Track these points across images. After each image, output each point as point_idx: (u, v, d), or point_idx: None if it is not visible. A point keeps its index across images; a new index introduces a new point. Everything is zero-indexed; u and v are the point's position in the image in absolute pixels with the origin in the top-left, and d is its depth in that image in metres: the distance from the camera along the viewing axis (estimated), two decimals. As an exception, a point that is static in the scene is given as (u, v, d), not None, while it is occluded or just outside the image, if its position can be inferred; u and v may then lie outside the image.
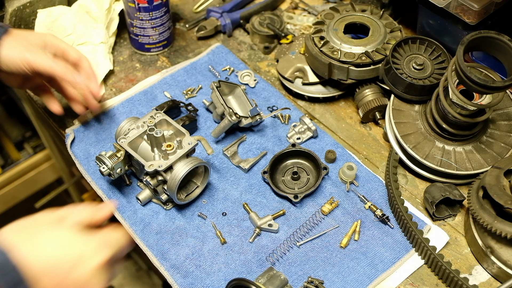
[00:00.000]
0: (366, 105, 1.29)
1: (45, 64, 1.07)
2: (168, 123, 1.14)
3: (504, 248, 1.05)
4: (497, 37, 1.05)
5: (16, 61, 1.07)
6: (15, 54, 1.06)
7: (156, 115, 1.13)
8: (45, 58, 1.08)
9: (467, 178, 1.19)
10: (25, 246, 0.76)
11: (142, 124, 1.12)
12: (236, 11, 1.53)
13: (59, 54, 1.15)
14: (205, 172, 1.17)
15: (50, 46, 1.13)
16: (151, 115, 1.13)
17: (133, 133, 1.12)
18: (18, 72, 1.10)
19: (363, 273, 1.08)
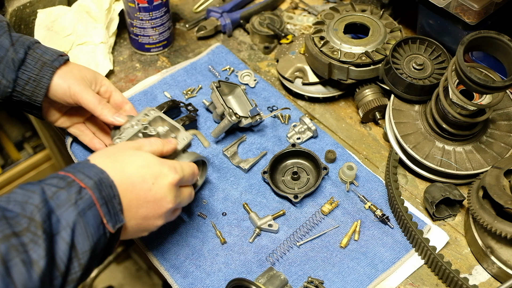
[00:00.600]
0: (366, 105, 1.29)
1: (89, 100, 1.10)
2: (163, 120, 1.13)
3: (504, 248, 1.05)
4: (497, 37, 1.05)
5: (64, 90, 1.09)
6: (65, 84, 1.09)
7: (150, 112, 1.13)
8: (92, 95, 1.10)
9: (467, 178, 1.19)
10: (114, 167, 0.89)
11: (137, 123, 1.12)
12: (236, 11, 1.53)
13: (105, 94, 1.17)
14: (203, 167, 1.16)
15: (100, 83, 1.15)
16: (145, 113, 1.13)
17: (127, 132, 1.11)
18: (63, 102, 1.12)
19: (363, 273, 1.08)
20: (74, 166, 0.87)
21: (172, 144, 1.04)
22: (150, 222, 0.95)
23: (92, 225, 0.82)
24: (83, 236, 0.80)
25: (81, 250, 0.80)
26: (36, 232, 0.75)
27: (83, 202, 0.81)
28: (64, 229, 0.78)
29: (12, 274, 0.71)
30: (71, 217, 0.79)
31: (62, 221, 0.78)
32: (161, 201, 0.94)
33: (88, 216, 0.81)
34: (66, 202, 0.80)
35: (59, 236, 0.78)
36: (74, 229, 0.79)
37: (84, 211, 0.81)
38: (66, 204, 0.80)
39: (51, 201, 0.79)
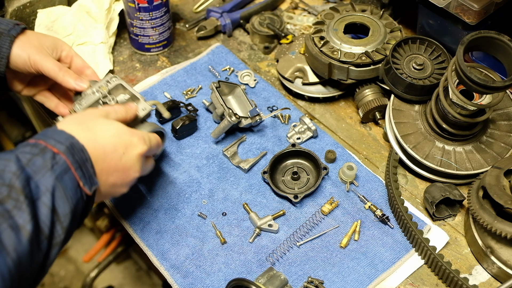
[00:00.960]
0: (366, 105, 1.29)
1: (50, 68, 1.10)
2: (124, 88, 1.14)
3: (504, 248, 1.05)
4: (497, 37, 1.05)
5: (25, 60, 1.10)
6: (25, 54, 1.10)
7: (112, 80, 1.13)
8: (52, 62, 1.11)
9: (467, 178, 1.19)
10: (85, 134, 0.90)
11: (98, 89, 1.12)
12: (236, 11, 1.53)
13: (66, 59, 1.17)
14: (162, 139, 1.15)
15: (60, 49, 1.16)
16: (107, 80, 1.13)
17: (88, 99, 1.11)
18: (24, 72, 1.12)
19: (363, 273, 1.08)
20: (43, 133, 0.87)
21: (133, 110, 1.06)
22: (117, 190, 0.98)
23: (70, 188, 0.83)
24: (63, 199, 0.81)
25: (62, 214, 0.81)
26: (18, 198, 0.76)
27: (59, 166, 0.82)
28: (44, 194, 0.79)
29: (2, 239, 0.72)
30: (49, 182, 0.80)
31: (41, 187, 0.79)
32: (129, 170, 0.97)
33: (65, 180, 0.82)
34: (43, 167, 0.80)
35: (40, 201, 0.78)
36: (54, 193, 0.80)
37: (61, 175, 0.82)
38: (42, 169, 0.80)
39: (27, 168, 0.79)
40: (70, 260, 2.48)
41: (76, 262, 2.47)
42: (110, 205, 1.20)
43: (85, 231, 2.51)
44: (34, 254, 0.77)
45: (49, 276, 2.44)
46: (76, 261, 2.47)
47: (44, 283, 2.42)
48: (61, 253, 2.59)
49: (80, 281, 2.25)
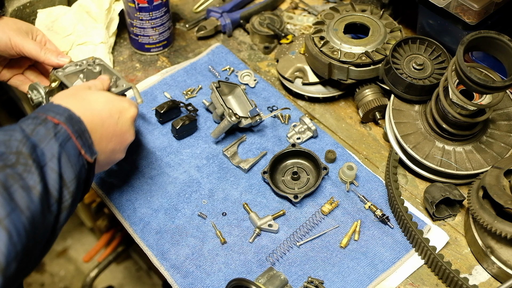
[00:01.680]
0: (366, 105, 1.29)
1: (32, 48, 1.14)
2: (105, 68, 1.18)
3: (504, 248, 1.05)
4: (497, 37, 1.05)
5: (6, 43, 1.13)
6: (5, 36, 1.13)
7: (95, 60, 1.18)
8: (33, 43, 1.15)
9: (467, 178, 1.19)
10: (80, 105, 0.93)
11: (81, 63, 1.17)
12: (236, 11, 1.53)
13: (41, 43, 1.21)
14: None
15: (35, 33, 1.20)
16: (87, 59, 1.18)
17: (70, 68, 1.16)
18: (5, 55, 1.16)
19: (363, 273, 1.08)
20: (41, 108, 0.90)
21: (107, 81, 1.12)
22: (116, 156, 1.03)
23: (73, 155, 0.86)
24: (67, 165, 0.85)
25: (68, 179, 0.85)
26: (27, 162, 0.79)
27: (61, 135, 0.85)
28: (51, 160, 0.82)
29: (15, 198, 0.74)
30: (54, 149, 0.83)
31: (47, 154, 0.82)
32: (125, 134, 1.03)
33: (68, 148, 0.86)
34: (46, 136, 0.84)
35: (47, 167, 0.81)
36: (60, 160, 0.83)
37: (64, 143, 0.85)
38: (46, 138, 0.83)
39: (32, 137, 0.83)
40: (70, 260, 2.49)
41: (76, 262, 2.47)
42: (110, 205, 1.20)
43: (85, 231, 2.51)
44: (46, 215, 0.80)
45: (49, 276, 2.45)
46: (76, 261, 2.47)
47: (44, 283, 2.43)
48: (61, 253, 2.59)
49: (80, 281, 2.25)
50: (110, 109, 0.99)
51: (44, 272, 2.46)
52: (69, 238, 2.54)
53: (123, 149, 1.04)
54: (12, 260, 0.71)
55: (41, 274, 2.46)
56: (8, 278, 0.71)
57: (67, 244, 2.52)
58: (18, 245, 0.72)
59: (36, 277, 2.45)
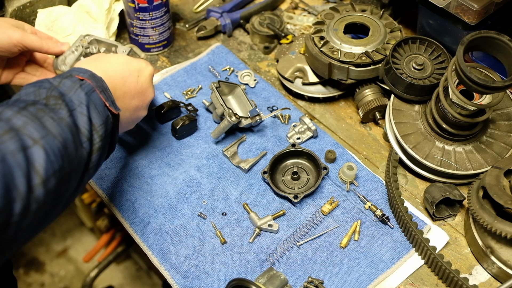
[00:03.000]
0: (366, 105, 1.29)
1: (33, 40, 1.15)
2: (99, 41, 1.22)
3: (504, 248, 1.05)
4: (497, 37, 1.05)
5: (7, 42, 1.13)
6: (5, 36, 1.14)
7: (85, 38, 1.21)
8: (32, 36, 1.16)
9: (467, 178, 1.19)
10: (102, 68, 0.99)
11: (76, 48, 1.20)
12: (236, 11, 1.53)
13: None
14: None
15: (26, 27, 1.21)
16: (80, 39, 1.21)
17: (70, 58, 1.20)
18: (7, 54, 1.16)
19: (363, 273, 1.08)
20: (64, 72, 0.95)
21: None
22: (139, 113, 1.09)
23: (99, 104, 0.92)
24: (95, 112, 0.90)
25: (97, 124, 0.90)
26: (57, 102, 0.85)
27: (86, 86, 0.91)
28: (79, 105, 0.88)
29: (47, 126, 0.80)
30: (82, 97, 0.89)
31: (74, 101, 0.88)
32: (146, 91, 1.08)
33: (94, 97, 0.91)
34: (73, 87, 0.89)
35: (76, 111, 0.87)
36: (88, 106, 0.89)
37: (90, 93, 0.91)
38: (73, 88, 0.89)
39: (59, 87, 0.88)
40: (70, 260, 2.49)
41: (76, 262, 2.47)
42: (110, 205, 1.20)
43: (85, 231, 2.51)
44: (78, 147, 0.85)
45: (49, 276, 2.45)
46: (76, 261, 2.47)
47: (44, 283, 2.43)
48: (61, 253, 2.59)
49: (80, 281, 2.25)
50: (130, 68, 1.05)
51: (44, 272, 2.46)
52: (69, 238, 2.54)
53: (145, 106, 1.10)
54: (51, 175, 0.77)
55: (41, 274, 2.46)
56: (48, 192, 0.77)
57: (67, 244, 2.52)
58: (55, 164, 0.78)
59: (36, 277, 2.45)
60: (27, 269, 2.47)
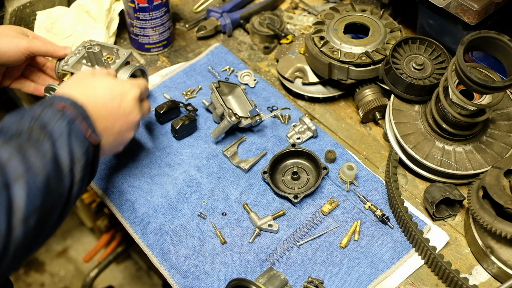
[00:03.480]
0: (366, 105, 1.29)
1: (40, 45, 1.17)
2: (103, 46, 1.26)
3: (504, 248, 1.05)
4: (497, 37, 1.05)
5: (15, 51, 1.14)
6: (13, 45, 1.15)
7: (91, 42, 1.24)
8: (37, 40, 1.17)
9: (467, 178, 1.19)
10: (83, 92, 0.99)
11: (79, 51, 1.24)
12: (236, 11, 1.53)
13: None
14: (144, 78, 1.28)
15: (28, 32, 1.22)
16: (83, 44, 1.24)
17: (72, 59, 1.23)
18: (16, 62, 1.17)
19: (363, 273, 1.08)
20: (45, 99, 0.95)
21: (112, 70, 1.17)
22: (124, 136, 1.07)
23: (80, 134, 0.91)
24: (76, 142, 0.89)
25: (78, 154, 0.89)
26: (39, 135, 0.84)
27: (68, 116, 0.90)
28: (61, 136, 0.87)
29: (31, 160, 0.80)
30: (63, 127, 0.88)
31: (56, 131, 0.87)
32: (130, 114, 1.06)
33: (75, 127, 0.90)
34: (54, 116, 0.88)
35: (58, 142, 0.86)
36: (69, 136, 0.88)
37: (71, 122, 0.90)
38: (54, 118, 0.88)
39: (41, 117, 0.87)
40: (70, 260, 2.49)
41: (76, 262, 2.47)
42: (110, 205, 1.20)
43: (85, 231, 2.51)
44: (59, 182, 0.85)
45: (49, 276, 2.45)
46: (76, 261, 2.47)
47: (44, 283, 2.43)
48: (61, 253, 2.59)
49: (80, 281, 2.25)
50: (112, 92, 1.03)
51: (44, 272, 2.46)
52: (69, 238, 2.54)
53: (130, 128, 1.08)
54: (32, 212, 0.76)
55: (41, 274, 2.46)
56: (27, 231, 0.76)
57: (67, 244, 2.52)
58: (37, 200, 0.78)
59: (36, 277, 2.45)
60: (27, 269, 2.47)
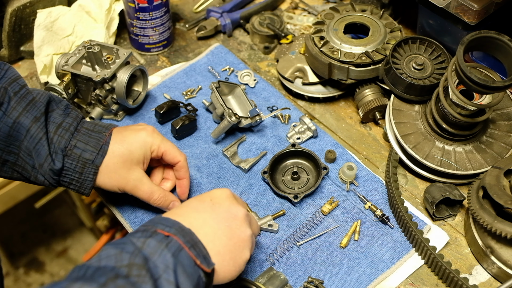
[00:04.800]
0: (366, 105, 1.29)
1: (143, 196, 1.10)
2: (103, 46, 1.26)
3: (504, 248, 1.05)
4: (497, 37, 1.05)
5: (112, 188, 1.09)
6: (110, 184, 1.08)
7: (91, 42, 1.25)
8: (143, 190, 1.09)
9: (467, 178, 1.19)
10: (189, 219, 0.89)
11: (79, 51, 1.25)
12: (236, 11, 1.53)
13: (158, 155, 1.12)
14: (144, 78, 1.31)
15: (148, 154, 1.10)
16: (84, 44, 1.25)
17: (72, 59, 1.24)
18: None
19: (363, 273, 1.08)
20: (149, 221, 0.88)
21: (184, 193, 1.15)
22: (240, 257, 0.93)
23: (188, 265, 0.81)
24: (183, 276, 0.80)
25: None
26: (140, 273, 0.75)
27: (173, 245, 0.81)
28: (165, 272, 0.78)
29: None
30: (168, 260, 0.79)
31: (160, 266, 0.78)
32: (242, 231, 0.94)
33: (182, 257, 0.81)
34: (158, 247, 0.80)
35: (162, 278, 0.77)
36: (175, 270, 0.79)
37: (177, 252, 0.81)
38: (158, 249, 0.80)
39: (143, 250, 0.79)
40: (70, 260, 2.49)
41: (76, 262, 2.47)
42: (110, 205, 1.20)
43: (85, 231, 2.51)
44: None
45: (49, 276, 2.45)
46: (76, 261, 2.47)
47: (44, 283, 2.43)
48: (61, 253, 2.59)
49: (80, 281, 2.25)
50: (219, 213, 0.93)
51: (44, 272, 2.46)
52: (69, 238, 2.54)
53: (244, 247, 0.93)
54: None
55: (41, 274, 2.46)
56: None
57: (67, 244, 2.53)
58: None
59: (36, 277, 2.45)
60: (27, 269, 2.47)
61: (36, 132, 1.02)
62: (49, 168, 1.03)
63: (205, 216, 0.91)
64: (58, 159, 1.03)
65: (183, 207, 0.94)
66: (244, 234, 0.93)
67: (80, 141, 1.05)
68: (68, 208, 2.56)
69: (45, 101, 1.05)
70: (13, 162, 1.07)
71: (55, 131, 1.04)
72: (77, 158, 1.05)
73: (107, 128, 1.09)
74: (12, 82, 1.05)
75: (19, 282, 2.44)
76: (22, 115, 1.03)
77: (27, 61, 1.47)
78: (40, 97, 1.06)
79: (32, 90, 1.07)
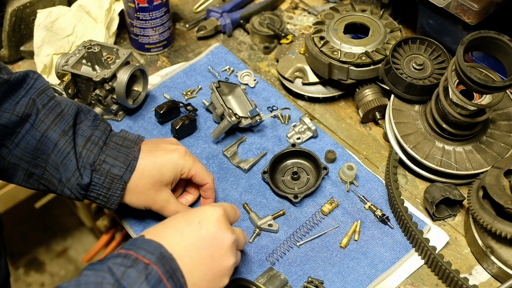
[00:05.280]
0: (366, 105, 1.29)
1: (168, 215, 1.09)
2: (103, 46, 1.26)
3: (504, 248, 1.05)
4: (497, 37, 1.05)
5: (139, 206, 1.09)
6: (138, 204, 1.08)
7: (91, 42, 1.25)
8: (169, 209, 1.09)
9: (467, 178, 1.19)
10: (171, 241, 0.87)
11: (79, 51, 1.25)
12: (236, 11, 1.53)
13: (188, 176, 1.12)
14: (144, 78, 1.32)
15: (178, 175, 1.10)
16: (83, 44, 1.25)
17: (72, 59, 1.25)
18: None
19: (363, 273, 1.08)
20: (132, 242, 0.86)
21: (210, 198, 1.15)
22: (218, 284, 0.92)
23: None
24: None
25: None
26: None
27: (152, 277, 0.81)
28: None
29: None
30: None
31: None
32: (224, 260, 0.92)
33: None
34: (137, 279, 0.79)
35: None
36: None
37: (156, 286, 0.80)
38: (137, 281, 0.79)
39: (122, 281, 0.79)
40: (70, 260, 2.49)
41: (76, 262, 2.47)
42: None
43: (85, 231, 2.51)
44: None
45: (49, 276, 2.45)
46: (76, 261, 2.47)
47: (44, 283, 2.43)
48: (61, 253, 2.59)
49: (80, 281, 2.24)
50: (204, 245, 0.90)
51: (44, 272, 2.46)
52: (69, 238, 2.54)
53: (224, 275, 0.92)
54: None
55: (41, 274, 2.46)
56: None
57: (67, 244, 2.52)
58: None
59: (36, 277, 2.45)
60: (27, 269, 2.47)
61: (64, 146, 1.01)
62: (77, 183, 1.02)
63: (187, 244, 0.88)
64: (86, 174, 1.02)
65: (168, 227, 0.90)
66: (226, 264, 0.91)
67: (109, 156, 1.04)
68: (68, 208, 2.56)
69: (73, 113, 1.04)
70: (40, 175, 1.06)
71: (83, 145, 1.03)
72: (106, 173, 1.03)
73: (136, 142, 1.08)
74: (41, 94, 1.04)
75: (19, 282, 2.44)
76: (50, 128, 1.02)
77: (27, 61, 1.47)
78: (69, 109, 1.04)
79: (61, 101, 1.05)
